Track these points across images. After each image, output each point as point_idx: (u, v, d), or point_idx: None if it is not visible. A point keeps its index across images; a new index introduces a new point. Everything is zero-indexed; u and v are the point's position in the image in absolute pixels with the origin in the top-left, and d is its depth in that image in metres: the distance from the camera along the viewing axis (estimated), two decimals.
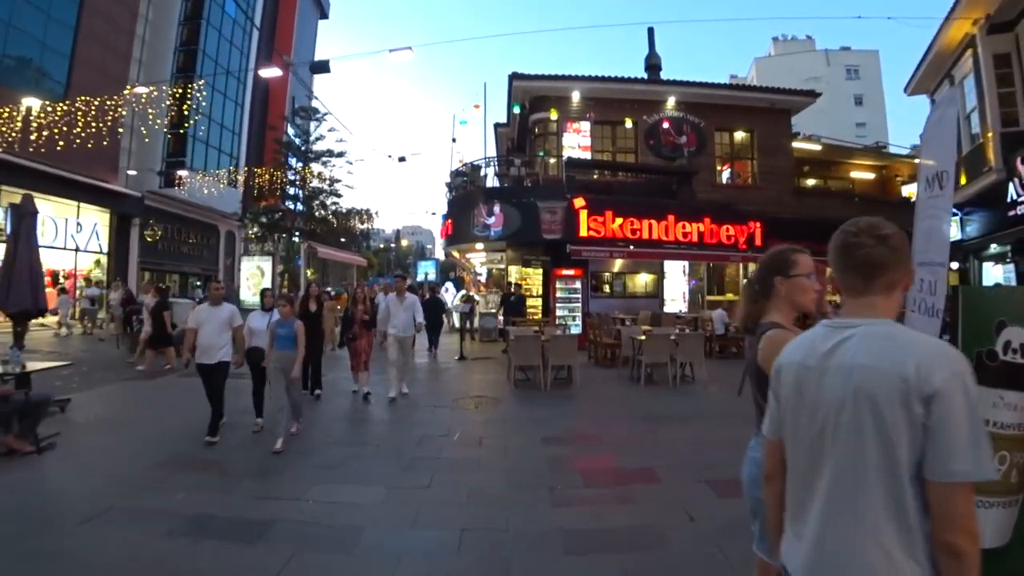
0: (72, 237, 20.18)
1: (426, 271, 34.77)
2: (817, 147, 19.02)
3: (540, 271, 15.40)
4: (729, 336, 12.28)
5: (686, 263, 16.09)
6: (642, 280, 16.15)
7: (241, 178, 25.68)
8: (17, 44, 17.11)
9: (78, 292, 18.21)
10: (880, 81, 46.14)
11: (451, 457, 5.10)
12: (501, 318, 14.27)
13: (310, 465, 4.88)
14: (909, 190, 22.02)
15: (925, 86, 18.26)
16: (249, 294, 18.73)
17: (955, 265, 16.81)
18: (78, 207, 20.34)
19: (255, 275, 17.71)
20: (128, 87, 13.06)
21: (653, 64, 19.22)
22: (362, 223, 25.80)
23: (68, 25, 19.28)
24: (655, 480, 4.49)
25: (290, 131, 24.34)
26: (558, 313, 14.26)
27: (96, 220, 21.44)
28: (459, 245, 16.92)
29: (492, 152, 23.86)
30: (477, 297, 16.81)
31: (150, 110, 15.94)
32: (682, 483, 4.41)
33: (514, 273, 15.80)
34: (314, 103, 24.32)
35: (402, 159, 18.95)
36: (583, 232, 14.25)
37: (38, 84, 17.27)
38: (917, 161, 21.29)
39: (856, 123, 42.08)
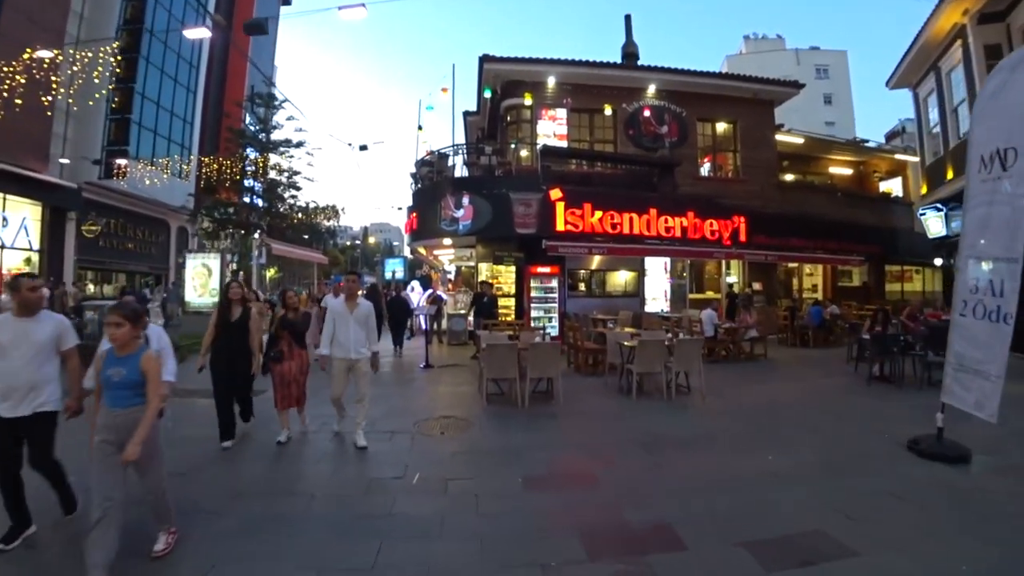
0: None
1: (394, 269, 33.12)
2: (799, 140, 18.43)
3: (513, 268, 14.26)
4: (719, 339, 11.37)
5: (667, 260, 15.22)
6: (622, 278, 15.21)
7: (187, 168, 23.87)
8: None
9: None
10: (848, 81, 46.99)
11: (407, 513, 3.89)
12: (471, 320, 13.13)
13: (212, 533, 3.54)
14: (887, 186, 21.81)
15: (908, 80, 17.80)
16: (195, 295, 17.06)
17: (939, 262, 16.43)
18: (3, 199, 18.41)
19: (201, 274, 16.08)
20: (28, 51, 11.09)
21: (630, 52, 18.30)
22: (327, 219, 24.37)
23: None
24: (678, 544, 3.39)
25: (247, 119, 22.72)
26: (533, 314, 13.28)
27: (26, 213, 19.46)
28: (425, 240, 15.66)
29: (461, 141, 22.64)
30: (445, 297, 15.61)
31: (53, 76, 13.94)
32: (713, 547, 3.33)
33: (485, 271, 14.63)
34: (273, 91, 22.78)
35: (363, 147, 17.61)
36: (560, 226, 13.23)
37: None
38: (920, 156, 20.53)
39: (825, 122, 42.44)
